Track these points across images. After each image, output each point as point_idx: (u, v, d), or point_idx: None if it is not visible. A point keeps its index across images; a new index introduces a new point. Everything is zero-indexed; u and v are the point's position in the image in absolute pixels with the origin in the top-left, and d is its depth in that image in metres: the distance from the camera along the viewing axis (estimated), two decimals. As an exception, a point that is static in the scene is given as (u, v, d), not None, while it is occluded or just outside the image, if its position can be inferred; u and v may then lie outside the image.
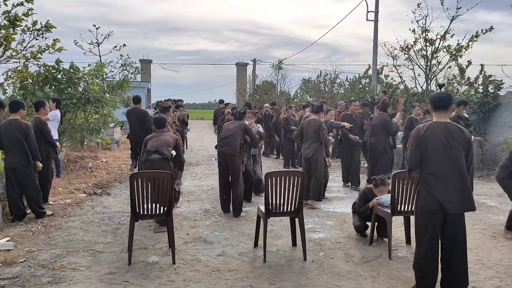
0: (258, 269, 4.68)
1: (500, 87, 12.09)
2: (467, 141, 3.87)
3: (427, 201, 3.83)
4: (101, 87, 11.62)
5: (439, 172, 3.79)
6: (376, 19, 19.91)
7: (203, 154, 15.10)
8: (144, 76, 39.90)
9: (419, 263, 3.90)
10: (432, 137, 3.82)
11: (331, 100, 20.23)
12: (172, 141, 6.26)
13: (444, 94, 4.00)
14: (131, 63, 15.84)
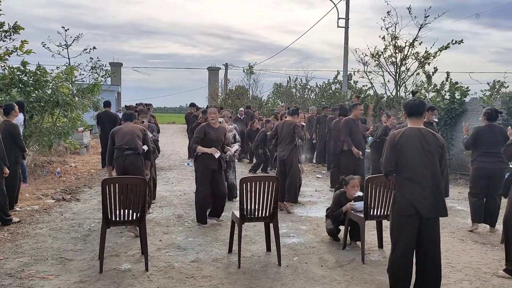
0: (233, 275, 4.65)
1: (466, 94, 12.48)
2: (441, 146, 3.96)
3: (403, 206, 3.88)
4: (70, 90, 11.36)
5: (415, 177, 3.86)
6: (347, 26, 20.22)
7: (175, 159, 14.94)
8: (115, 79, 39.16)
9: (394, 267, 3.95)
10: (408, 143, 3.88)
11: (303, 105, 20.42)
12: (140, 133, 6.40)
13: (418, 101, 4.08)
14: (101, 66, 15.57)
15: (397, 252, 3.91)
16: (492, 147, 6.27)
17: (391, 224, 4.00)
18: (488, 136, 6.32)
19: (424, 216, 3.85)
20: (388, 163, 3.94)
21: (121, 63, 42.30)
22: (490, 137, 6.31)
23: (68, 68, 12.16)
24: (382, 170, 4.06)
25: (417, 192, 3.85)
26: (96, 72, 15.12)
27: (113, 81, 38.00)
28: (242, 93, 28.28)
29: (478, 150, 6.41)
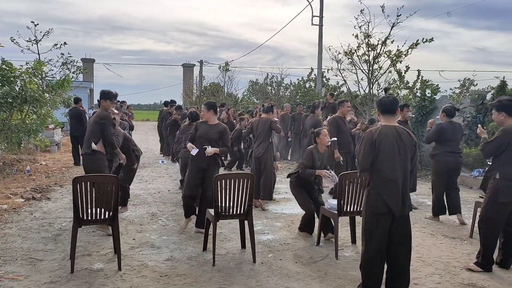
0: (208, 273, 4.63)
1: (437, 91, 12.76)
2: (414, 144, 4.04)
3: (377, 203, 3.92)
4: (40, 86, 11.08)
5: (390, 176, 3.91)
6: (321, 24, 20.37)
7: (149, 157, 14.77)
8: (87, 75, 38.44)
9: (367, 263, 4.00)
10: (385, 141, 3.92)
11: (278, 102, 20.48)
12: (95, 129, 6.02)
13: (391, 98, 4.13)
14: (72, 62, 15.23)
15: (370, 248, 3.96)
16: (454, 142, 6.80)
17: (365, 221, 4.04)
18: (449, 132, 6.76)
19: (396, 214, 3.91)
20: (366, 160, 3.96)
21: (93, 59, 41.55)
22: (452, 133, 6.77)
23: (36, 63, 11.84)
24: (358, 167, 4.10)
25: (390, 191, 3.90)
26: (67, 68, 14.79)
27: (85, 78, 37.34)
28: (217, 90, 28.13)
29: (440, 145, 6.83)
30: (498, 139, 4.78)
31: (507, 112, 4.82)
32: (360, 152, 4.05)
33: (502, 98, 5.07)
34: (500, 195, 4.73)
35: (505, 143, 4.73)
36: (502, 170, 4.75)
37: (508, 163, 4.74)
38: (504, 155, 4.75)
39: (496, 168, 4.83)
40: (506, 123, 4.84)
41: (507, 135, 4.74)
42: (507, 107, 4.83)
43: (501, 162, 4.78)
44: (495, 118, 4.97)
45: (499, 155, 4.79)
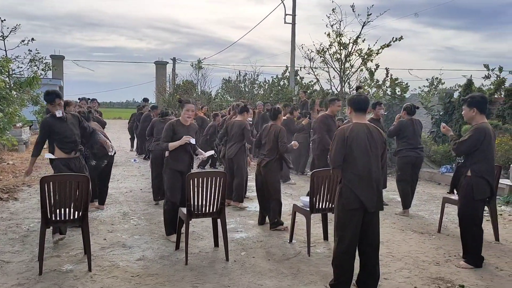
0: (180, 272, 4.61)
1: (406, 90, 13.02)
2: (384, 141, 4.11)
3: (350, 200, 3.96)
4: (7, 84, 10.77)
5: (362, 172, 3.95)
6: (294, 22, 20.48)
7: (121, 155, 14.56)
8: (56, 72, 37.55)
9: (339, 260, 4.04)
10: (356, 138, 3.96)
11: (251, 100, 20.48)
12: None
13: (363, 96, 4.19)
14: (41, 59, 14.85)
15: (343, 245, 4.00)
16: (415, 138, 7.23)
17: (337, 217, 4.08)
18: (411, 129, 7.24)
19: (369, 210, 3.97)
20: (338, 157, 3.99)
21: (63, 56, 40.64)
22: (412, 129, 7.23)
23: (2, 60, 11.51)
24: (330, 164, 4.12)
25: (363, 187, 3.96)
26: (36, 65, 14.41)
27: (55, 75, 36.45)
28: (190, 88, 27.92)
29: (403, 142, 7.26)
30: (473, 138, 4.83)
31: (478, 109, 4.91)
32: (332, 150, 4.08)
33: (475, 94, 5.19)
34: (475, 193, 4.82)
35: (479, 141, 4.80)
36: (474, 167, 4.84)
37: (480, 160, 4.83)
38: (476, 153, 4.84)
39: (468, 165, 4.91)
40: (476, 120, 4.93)
41: (480, 133, 4.81)
42: (479, 103, 4.92)
43: (473, 159, 4.86)
44: (466, 114, 5.02)
45: (472, 153, 4.87)
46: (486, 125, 4.90)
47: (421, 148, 7.40)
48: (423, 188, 9.74)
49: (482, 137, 4.80)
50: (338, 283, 4.08)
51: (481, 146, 4.81)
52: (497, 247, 5.60)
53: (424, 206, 7.96)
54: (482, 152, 4.83)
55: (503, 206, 7.79)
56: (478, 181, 4.83)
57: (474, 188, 4.83)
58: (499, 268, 4.85)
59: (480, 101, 4.96)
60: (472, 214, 4.89)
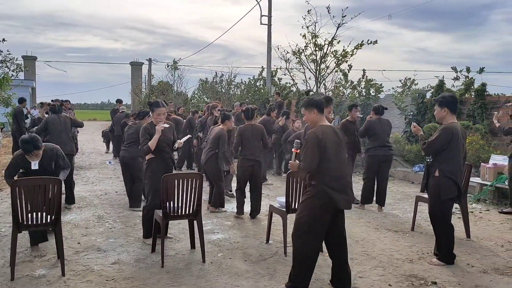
0: (156, 275, 4.57)
1: (381, 90, 13.23)
2: (346, 142, 4.20)
3: (324, 200, 3.96)
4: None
5: (336, 173, 3.99)
6: (270, 23, 20.55)
7: (96, 158, 14.35)
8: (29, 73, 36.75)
9: (304, 261, 4.03)
10: (329, 140, 4.00)
11: (228, 101, 20.47)
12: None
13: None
14: (11, 60, 14.49)
15: (308, 247, 4.01)
16: (383, 137, 7.55)
17: (305, 217, 4.03)
18: (379, 128, 7.55)
19: (343, 208, 4.04)
20: (314, 161, 3.96)
21: (35, 56, 39.71)
22: (380, 128, 7.56)
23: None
24: (306, 169, 4.05)
25: (341, 187, 4.00)
26: (6, 66, 14.06)
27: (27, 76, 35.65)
28: (166, 89, 27.72)
29: (372, 140, 7.55)
30: (440, 138, 4.90)
31: (449, 108, 5.00)
32: (308, 154, 4.02)
33: (446, 94, 5.29)
34: (441, 193, 4.91)
35: (447, 141, 4.88)
36: (442, 167, 4.92)
37: (448, 160, 4.91)
38: (444, 153, 4.91)
39: (436, 165, 4.98)
40: (447, 119, 5.01)
41: (447, 133, 4.88)
42: (450, 103, 5.02)
43: (441, 159, 4.93)
44: (438, 114, 5.09)
45: (440, 153, 4.95)
46: (454, 125, 4.98)
47: (390, 147, 7.69)
48: (397, 187, 9.91)
49: (450, 137, 4.88)
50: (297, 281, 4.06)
51: (448, 146, 4.89)
52: (468, 244, 5.73)
53: (398, 204, 8.10)
54: (450, 152, 4.91)
55: (474, 204, 7.99)
56: (445, 181, 4.90)
57: (442, 188, 4.91)
58: (470, 265, 4.98)
59: (451, 101, 5.07)
60: (441, 213, 4.99)
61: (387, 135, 7.69)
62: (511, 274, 4.70)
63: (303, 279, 4.06)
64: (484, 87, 10.21)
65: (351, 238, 5.94)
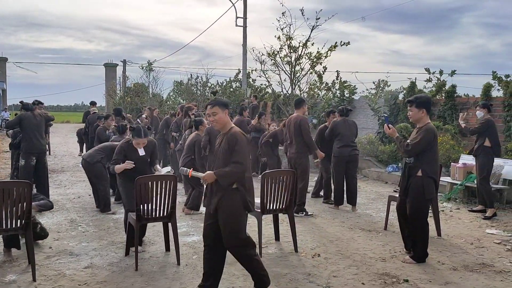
0: (130, 278, 4.52)
1: (354, 92, 13.40)
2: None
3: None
4: None
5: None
6: (245, 25, 20.59)
7: (68, 160, 14.10)
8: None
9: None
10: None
11: (204, 103, 20.39)
12: None
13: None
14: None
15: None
16: (348, 137, 7.75)
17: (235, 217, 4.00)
18: (344, 128, 7.79)
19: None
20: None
21: (5, 58, 38.78)
22: (345, 128, 7.79)
23: None
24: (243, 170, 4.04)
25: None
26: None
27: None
28: (141, 91, 27.43)
29: (337, 140, 7.77)
30: (425, 140, 4.94)
31: (427, 110, 5.08)
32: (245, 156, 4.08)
33: (421, 95, 5.38)
34: (425, 192, 5.00)
35: (431, 142, 4.97)
36: (425, 167, 4.99)
37: (430, 161, 5.00)
38: (426, 153, 4.99)
39: (419, 165, 5.03)
40: (423, 120, 5.09)
41: (430, 134, 4.96)
42: (427, 104, 5.12)
43: (424, 160, 5.00)
44: (415, 115, 5.11)
45: (422, 153, 5.00)
46: (433, 126, 5.11)
47: (355, 147, 7.89)
48: (371, 187, 10.06)
49: (432, 138, 4.99)
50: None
51: (430, 147, 5.00)
52: (439, 242, 5.87)
53: (372, 204, 8.23)
54: (431, 152, 5.01)
55: (445, 203, 8.19)
56: (428, 181, 5.00)
57: (425, 188, 4.99)
58: (441, 262, 5.09)
59: (428, 102, 5.19)
60: (423, 212, 5.09)
61: (353, 135, 7.89)
62: (479, 271, 4.83)
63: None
64: (454, 89, 10.48)
65: (326, 238, 6.03)
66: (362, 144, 11.51)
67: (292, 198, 5.51)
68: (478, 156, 7.33)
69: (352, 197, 7.79)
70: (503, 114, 8.81)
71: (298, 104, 7.40)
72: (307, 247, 5.59)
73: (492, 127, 7.24)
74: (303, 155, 7.21)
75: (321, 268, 4.86)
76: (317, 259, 5.17)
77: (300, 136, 7.16)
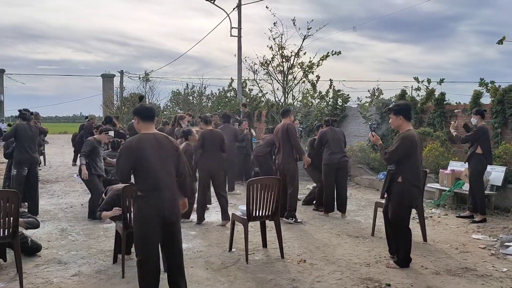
0: (116, 286, 4.59)
1: (347, 100, 13.53)
2: (175, 149, 4.08)
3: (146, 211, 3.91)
4: None
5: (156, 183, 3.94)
6: (240, 35, 20.72)
7: (63, 171, 14.16)
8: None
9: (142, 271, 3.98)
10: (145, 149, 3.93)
11: (200, 112, 20.51)
12: None
13: (150, 106, 4.24)
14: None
15: (142, 255, 3.94)
16: (336, 145, 7.90)
17: (136, 231, 3.99)
18: (330, 136, 7.97)
19: (166, 221, 3.93)
20: (126, 171, 3.94)
21: (3, 69, 38.99)
22: (332, 137, 7.96)
23: None
24: (119, 177, 4.12)
25: (160, 197, 3.90)
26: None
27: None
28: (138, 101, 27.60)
29: (326, 148, 7.94)
30: (401, 147, 5.04)
31: (404, 116, 5.16)
32: (119, 163, 4.00)
33: (400, 102, 5.48)
34: (405, 199, 5.08)
35: (408, 150, 5.03)
36: (404, 174, 5.07)
37: (409, 168, 5.06)
38: (405, 160, 5.06)
39: (399, 172, 5.11)
40: (403, 127, 5.18)
41: (407, 141, 5.04)
42: (404, 111, 5.18)
43: (403, 167, 5.07)
44: (393, 122, 5.25)
45: (401, 160, 5.08)
46: (412, 132, 5.16)
47: (344, 155, 8.01)
48: (362, 194, 10.14)
49: (409, 145, 5.05)
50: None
51: (409, 154, 5.06)
52: (424, 247, 5.94)
53: (362, 211, 8.30)
54: (410, 159, 5.07)
55: (434, 209, 8.26)
56: (408, 187, 5.07)
57: (405, 194, 5.07)
58: (424, 267, 5.16)
59: (405, 108, 5.26)
60: (403, 218, 5.16)
61: (341, 142, 8.04)
62: (462, 275, 4.91)
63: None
64: (443, 96, 10.58)
65: (313, 244, 6.10)
66: (354, 152, 11.61)
67: (278, 205, 5.59)
68: (470, 163, 7.41)
69: (342, 204, 7.87)
70: (491, 121, 8.90)
71: (284, 113, 7.71)
72: (294, 253, 5.66)
73: (485, 135, 7.33)
74: (291, 160, 7.31)
75: (306, 274, 4.93)
76: (303, 265, 5.24)
77: (288, 141, 7.29)
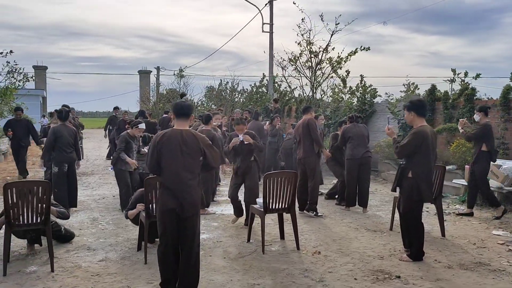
0: (138, 271, 4.89)
1: (376, 95, 13.47)
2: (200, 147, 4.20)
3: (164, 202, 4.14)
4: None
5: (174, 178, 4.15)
6: (271, 31, 20.86)
7: (99, 164, 14.79)
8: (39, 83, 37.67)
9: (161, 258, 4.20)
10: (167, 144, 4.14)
11: (231, 108, 20.85)
12: None
13: (187, 103, 4.43)
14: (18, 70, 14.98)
15: (161, 245, 4.17)
16: (359, 139, 7.97)
17: (157, 221, 4.23)
18: (353, 131, 8.03)
19: (181, 215, 4.10)
20: (152, 163, 4.17)
21: (46, 66, 40.62)
22: (355, 133, 7.95)
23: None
24: (149, 169, 4.34)
25: (176, 192, 4.09)
26: (13, 77, 14.53)
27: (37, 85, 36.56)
28: (173, 97, 28.21)
29: (349, 145, 7.98)
30: (411, 142, 5.14)
31: (416, 112, 5.25)
32: (148, 155, 4.28)
33: (413, 98, 5.56)
34: (414, 194, 5.16)
35: (418, 145, 5.12)
36: (414, 169, 5.16)
37: (420, 163, 5.14)
38: (416, 156, 5.15)
39: (409, 167, 5.22)
40: (415, 122, 5.27)
41: (418, 137, 5.12)
42: (416, 106, 5.27)
43: (414, 162, 5.17)
44: (407, 118, 5.37)
45: (412, 156, 5.18)
46: (424, 129, 5.22)
47: (367, 150, 8.05)
48: (388, 189, 10.11)
49: (420, 141, 5.12)
50: (161, 281, 4.25)
51: (420, 150, 5.13)
52: (441, 242, 5.97)
53: (384, 206, 8.34)
54: (421, 155, 5.14)
55: (458, 205, 8.20)
56: (418, 182, 5.14)
57: (414, 189, 5.15)
58: (437, 261, 5.22)
59: (418, 104, 5.33)
60: (414, 212, 5.24)
61: (364, 138, 8.05)
62: (474, 269, 4.94)
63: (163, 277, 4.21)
64: (473, 92, 10.42)
65: (330, 237, 6.23)
66: (381, 147, 11.59)
67: (294, 199, 5.76)
68: (477, 163, 7.33)
69: (363, 199, 7.95)
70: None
71: (305, 110, 7.88)
72: (310, 245, 5.82)
73: (489, 132, 7.26)
74: (311, 154, 7.45)
75: (318, 265, 5.09)
76: (317, 256, 5.40)
77: (308, 135, 7.43)
